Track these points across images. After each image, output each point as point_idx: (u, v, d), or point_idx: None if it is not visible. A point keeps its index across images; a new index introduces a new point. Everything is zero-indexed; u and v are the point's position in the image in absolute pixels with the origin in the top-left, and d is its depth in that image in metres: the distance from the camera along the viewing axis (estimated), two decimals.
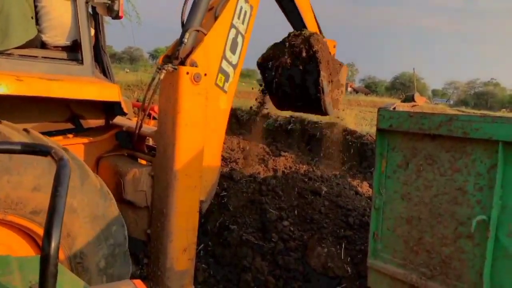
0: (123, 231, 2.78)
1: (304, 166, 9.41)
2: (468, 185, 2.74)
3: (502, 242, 2.60)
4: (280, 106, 4.74)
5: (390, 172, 3.17)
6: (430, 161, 2.93)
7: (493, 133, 2.56)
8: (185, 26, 3.37)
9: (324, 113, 4.30)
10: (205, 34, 3.36)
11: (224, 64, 3.54)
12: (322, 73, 3.95)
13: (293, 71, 4.17)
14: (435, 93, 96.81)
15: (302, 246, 5.68)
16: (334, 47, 4.50)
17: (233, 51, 3.58)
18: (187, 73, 3.13)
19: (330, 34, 4.56)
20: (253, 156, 9.91)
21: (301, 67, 4.09)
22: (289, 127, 12.86)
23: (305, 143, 12.22)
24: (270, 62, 4.35)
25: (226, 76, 3.55)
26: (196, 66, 3.21)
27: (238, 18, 3.59)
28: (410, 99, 3.47)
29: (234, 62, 3.62)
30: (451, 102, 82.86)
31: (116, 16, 3.22)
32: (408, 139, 3.04)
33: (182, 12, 3.41)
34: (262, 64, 4.48)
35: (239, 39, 3.62)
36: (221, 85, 3.56)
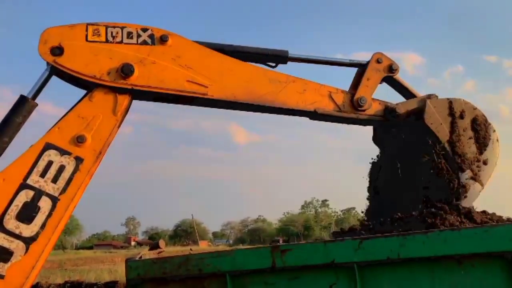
0: None
1: None
2: None
3: None
4: None
5: None
6: None
7: (220, 266, 2.98)
8: None
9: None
10: None
11: None
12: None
13: None
14: (215, 235, 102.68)
15: None
16: None
17: (24, 218, 2.74)
18: None
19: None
20: None
21: None
22: None
23: None
24: None
25: (3, 253, 2.60)
26: None
27: (40, 175, 2.80)
28: (156, 246, 3.75)
29: (26, 234, 2.71)
30: (231, 241, 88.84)
31: None
32: (156, 285, 3.21)
33: None
34: None
35: (43, 202, 2.79)
36: None
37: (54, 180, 2.82)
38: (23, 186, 2.73)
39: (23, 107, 2.99)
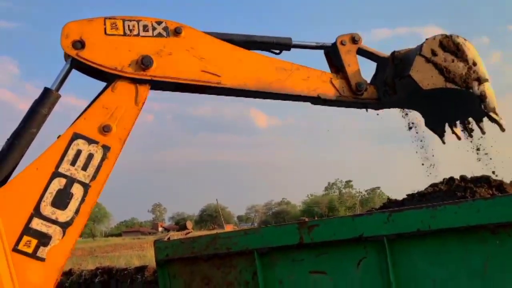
0: None
1: None
2: None
3: None
4: None
5: None
6: (206, 280, 3.17)
7: (248, 243, 2.99)
8: None
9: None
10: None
11: (37, 223, 2.78)
12: None
13: None
14: (240, 218, 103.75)
15: None
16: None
17: (60, 205, 2.86)
18: None
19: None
20: None
21: None
22: (96, 279, 11.92)
23: None
24: None
25: (42, 238, 2.77)
26: None
27: (72, 164, 2.93)
28: (183, 227, 3.78)
29: (62, 219, 2.85)
30: (255, 224, 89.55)
31: None
32: (185, 265, 3.26)
33: None
34: None
35: (76, 189, 2.92)
36: (28, 251, 2.75)
37: (84, 168, 2.96)
38: (55, 174, 2.88)
39: (48, 99, 3.09)
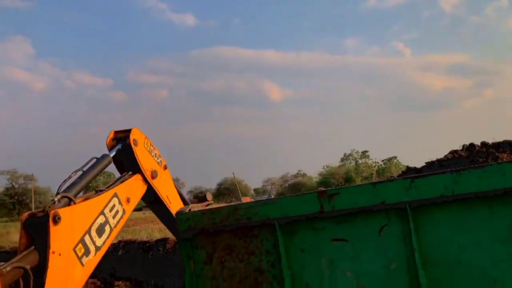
0: None
1: None
2: (263, 264, 3.07)
3: None
4: None
5: (198, 270, 3.33)
6: (228, 250, 3.21)
7: (268, 213, 3.00)
8: (60, 191, 3.79)
9: None
10: (75, 203, 3.75)
11: (87, 239, 3.78)
12: None
13: None
14: (257, 191, 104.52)
15: None
16: None
17: (99, 234, 3.88)
18: None
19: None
20: None
21: None
22: (119, 252, 12.25)
23: (139, 265, 11.72)
24: None
25: (87, 250, 3.74)
26: (59, 218, 3.45)
27: (110, 211, 4.05)
28: (203, 199, 3.82)
29: (98, 244, 3.88)
30: (272, 196, 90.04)
31: None
32: (206, 236, 3.30)
33: (63, 182, 3.91)
34: None
35: (107, 228, 3.99)
36: (79, 254, 3.71)
37: (113, 217, 4.13)
38: (101, 213, 3.99)
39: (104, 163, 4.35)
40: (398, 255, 2.63)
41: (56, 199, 3.75)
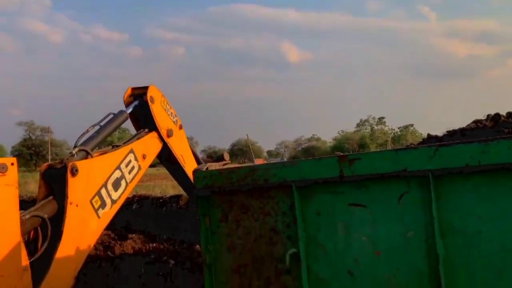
0: None
1: (154, 244, 9.19)
2: (278, 225, 3.08)
3: (313, 269, 2.95)
4: None
5: (214, 227, 3.36)
6: (244, 210, 3.22)
7: (286, 176, 2.98)
8: (77, 144, 3.94)
9: None
10: (92, 157, 3.86)
11: (103, 192, 3.94)
12: None
13: None
14: (270, 153, 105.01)
15: None
16: None
17: (115, 188, 4.02)
18: None
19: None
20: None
21: None
22: (133, 206, 12.50)
23: (153, 220, 11.98)
24: None
25: (103, 202, 3.88)
26: (76, 170, 3.57)
27: (126, 166, 4.18)
28: (220, 158, 3.82)
29: (113, 197, 4.00)
30: (285, 159, 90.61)
31: None
32: (223, 195, 3.31)
33: (80, 136, 4.02)
34: None
35: (123, 183, 4.12)
36: (96, 206, 3.82)
37: (129, 172, 4.25)
38: (118, 167, 4.11)
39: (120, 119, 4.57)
40: (416, 223, 2.60)
41: (74, 152, 3.81)
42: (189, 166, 5.18)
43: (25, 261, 3.24)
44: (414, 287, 2.60)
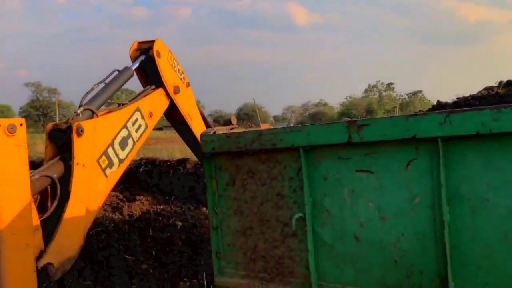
0: None
1: (161, 206, 9.34)
2: (284, 190, 3.10)
3: (318, 233, 2.99)
4: None
5: (221, 191, 3.39)
6: (251, 174, 3.23)
7: (293, 140, 2.96)
8: (82, 103, 3.85)
9: None
10: (97, 116, 3.80)
11: (110, 151, 3.87)
12: None
13: None
14: (276, 118, 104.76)
15: (165, 284, 5.60)
16: None
17: (122, 147, 3.98)
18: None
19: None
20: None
21: None
22: (141, 169, 12.63)
23: (159, 183, 12.13)
24: None
25: (110, 162, 3.87)
26: (82, 131, 3.52)
27: (132, 125, 4.12)
28: (228, 122, 3.80)
29: (121, 157, 3.97)
30: (292, 125, 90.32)
31: None
32: (231, 158, 3.31)
33: (85, 94, 3.90)
34: None
35: (130, 141, 4.07)
36: (103, 166, 3.80)
37: (136, 131, 4.17)
38: (124, 126, 4.04)
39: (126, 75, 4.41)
40: (423, 190, 2.59)
41: (79, 111, 3.74)
42: (196, 125, 5.11)
43: (36, 220, 3.30)
44: (419, 251, 2.63)
